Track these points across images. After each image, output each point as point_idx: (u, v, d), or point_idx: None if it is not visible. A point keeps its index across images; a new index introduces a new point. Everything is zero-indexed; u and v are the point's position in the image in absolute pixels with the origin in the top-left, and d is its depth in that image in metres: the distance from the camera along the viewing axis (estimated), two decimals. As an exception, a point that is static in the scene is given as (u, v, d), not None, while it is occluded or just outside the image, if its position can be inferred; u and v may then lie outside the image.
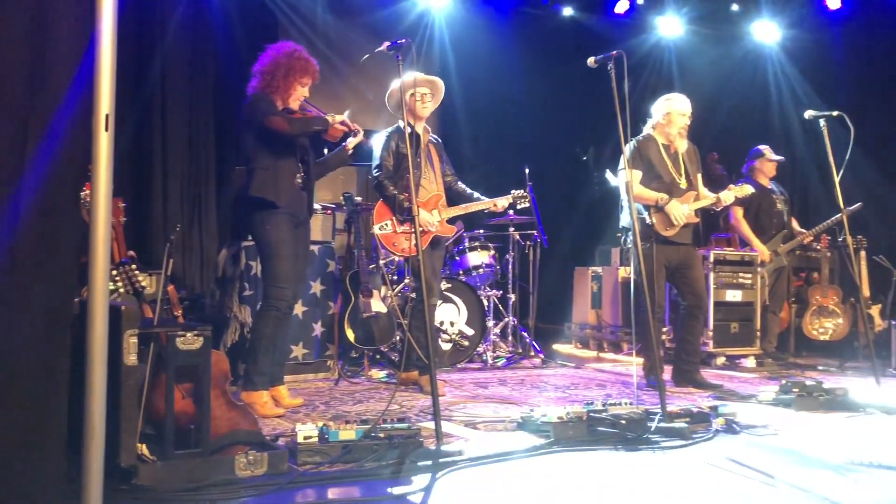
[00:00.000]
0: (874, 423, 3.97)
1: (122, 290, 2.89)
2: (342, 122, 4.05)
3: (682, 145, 5.13)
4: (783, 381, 4.50)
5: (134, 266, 2.93)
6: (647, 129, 5.18)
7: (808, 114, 4.88)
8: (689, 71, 9.43)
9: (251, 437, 2.86)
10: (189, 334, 2.72)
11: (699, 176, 5.23)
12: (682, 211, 4.94)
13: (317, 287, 5.25)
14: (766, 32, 9.37)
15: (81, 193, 2.42)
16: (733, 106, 9.28)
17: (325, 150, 5.08)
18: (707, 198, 5.11)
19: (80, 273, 2.22)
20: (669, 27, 9.33)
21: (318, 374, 5.24)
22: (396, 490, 2.59)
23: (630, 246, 5.03)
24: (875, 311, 7.00)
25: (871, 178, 7.84)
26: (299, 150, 4.10)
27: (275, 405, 4.00)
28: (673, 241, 4.96)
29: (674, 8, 9.17)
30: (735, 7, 9.24)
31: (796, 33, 9.24)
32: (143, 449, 2.61)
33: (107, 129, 2.06)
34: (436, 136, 4.92)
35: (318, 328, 5.24)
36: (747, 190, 5.30)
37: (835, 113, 4.80)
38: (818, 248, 7.12)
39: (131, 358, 2.58)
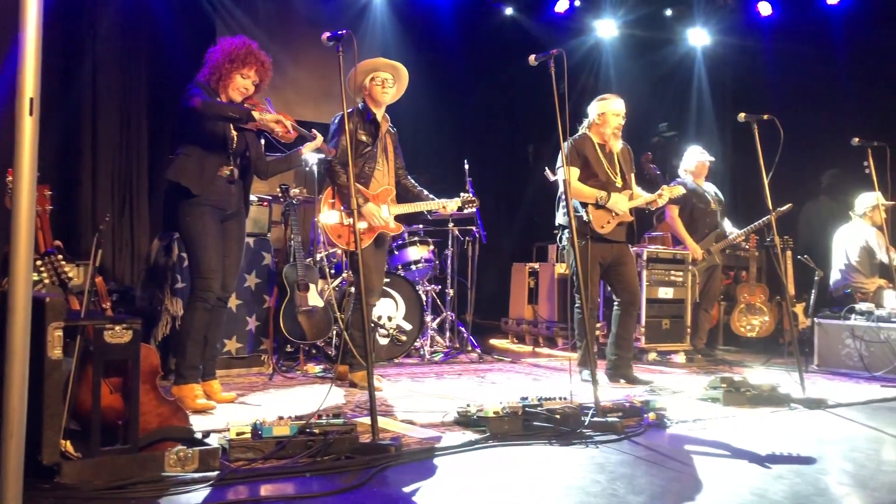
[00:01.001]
0: (798, 418, 4.11)
1: (47, 280, 2.79)
2: (278, 122, 3.93)
3: (617, 145, 5.22)
4: (712, 377, 4.62)
5: (60, 256, 2.83)
6: (582, 129, 5.26)
7: (741, 116, 5.01)
8: (625, 73, 9.60)
9: (182, 433, 2.80)
10: (118, 327, 2.64)
11: (633, 175, 5.33)
12: (624, 202, 5.03)
13: (252, 280, 5.16)
14: (699, 37, 9.60)
15: (6, 179, 2.32)
16: (668, 108, 9.50)
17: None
18: (641, 197, 5.21)
19: (3, 263, 2.13)
20: (606, 30, 9.48)
21: (251, 369, 5.16)
22: (331, 486, 2.56)
23: (566, 243, 5.09)
24: (799, 309, 7.26)
25: (798, 180, 8.11)
26: (232, 143, 4.00)
27: (206, 399, 3.92)
28: (608, 238, 5.04)
29: (610, 11, 9.32)
30: (669, 12, 9.44)
31: (729, 39, 9.50)
32: (68, 446, 2.52)
33: (31, 114, 1.98)
34: (394, 127, 4.84)
35: (252, 322, 5.15)
36: (679, 190, 5.44)
37: (765, 116, 4.93)
38: (747, 247, 7.34)
39: (56, 352, 2.49)
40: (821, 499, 2.70)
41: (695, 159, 6.71)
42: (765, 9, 8.95)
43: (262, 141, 4.46)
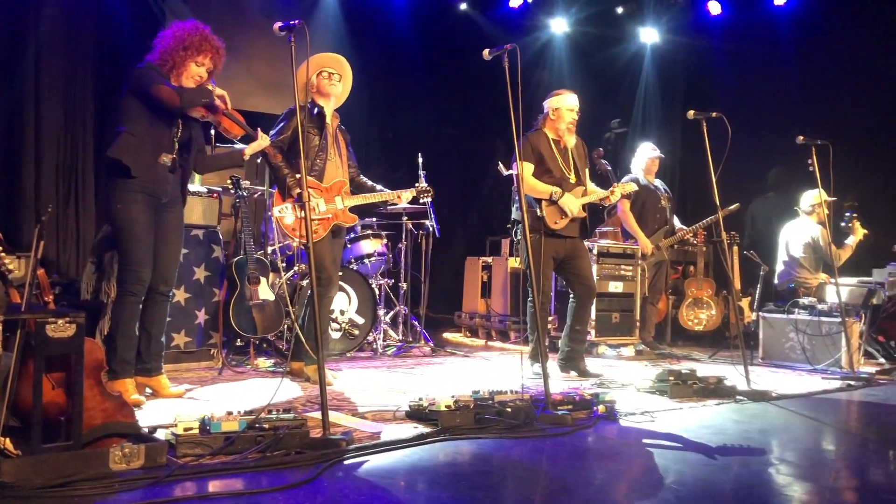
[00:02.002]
0: (743, 410, 4.20)
1: (-15, 273, 2.70)
2: (221, 97, 3.91)
3: (571, 140, 5.25)
4: (660, 370, 4.70)
5: (0, 248, 2.74)
6: (537, 124, 5.28)
7: (690, 114, 5.09)
8: (578, 69, 9.69)
9: (127, 428, 2.74)
10: (60, 321, 2.57)
11: (587, 171, 5.38)
12: (575, 204, 5.06)
13: (201, 273, 5.08)
14: (650, 35, 9.74)
15: None
16: (619, 105, 9.62)
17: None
18: (595, 193, 5.26)
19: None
20: (559, 26, 9.56)
21: (200, 363, 5.07)
22: (280, 482, 2.54)
23: (520, 238, 5.11)
24: (745, 303, 7.42)
25: (745, 177, 8.29)
26: (178, 131, 3.91)
27: (138, 393, 3.83)
28: (561, 234, 5.08)
29: (562, 8, 9.40)
30: (620, 10, 9.55)
31: (679, 37, 9.65)
32: (7, 443, 2.46)
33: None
34: (343, 126, 4.81)
35: (201, 316, 5.07)
36: (631, 187, 5.54)
37: (714, 114, 5.02)
38: (695, 243, 7.48)
39: (-6, 346, 2.42)
40: (764, 489, 2.77)
41: (645, 156, 6.80)
42: (714, 8, 9.12)
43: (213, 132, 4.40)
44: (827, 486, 2.86)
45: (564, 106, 5.19)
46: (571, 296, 5.27)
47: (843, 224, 6.85)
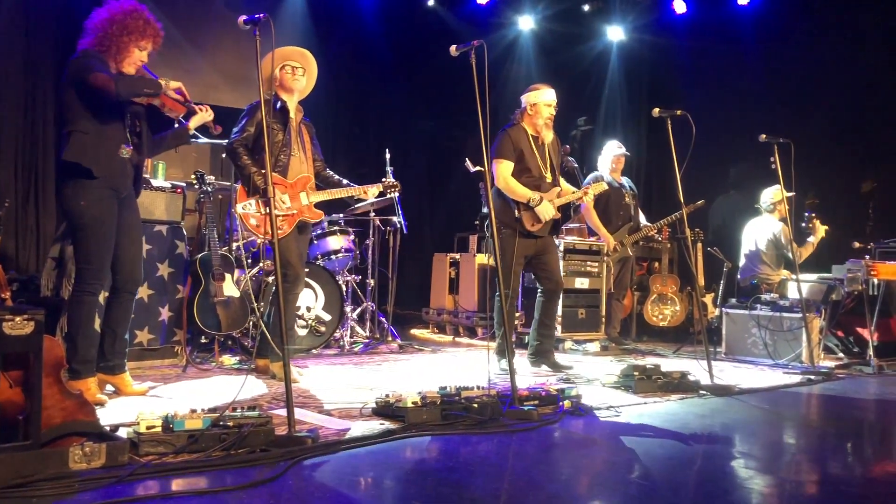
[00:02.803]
0: (706, 405, 4.25)
1: (-60, 270, 2.63)
2: (178, 90, 3.82)
3: (549, 136, 5.27)
4: (625, 365, 4.74)
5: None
6: (515, 120, 5.27)
7: (655, 112, 5.13)
8: (545, 67, 9.74)
9: (88, 427, 2.69)
10: (18, 318, 2.52)
11: (559, 168, 5.41)
12: (551, 211, 5.10)
13: (164, 270, 5.01)
14: (616, 33, 9.82)
15: None
16: (586, 102, 9.68)
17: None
18: (569, 195, 5.30)
19: None
20: (526, 24, 9.59)
21: (164, 361, 5.01)
22: (245, 480, 2.51)
23: (488, 230, 5.12)
24: (708, 299, 7.53)
25: (709, 174, 8.40)
26: (130, 119, 3.80)
27: (100, 392, 3.76)
28: (535, 234, 5.11)
29: (529, 5, 9.43)
30: (586, 7, 9.61)
31: (644, 35, 9.74)
32: (-37, 443, 2.40)
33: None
34: (308, 119, 4.77)
35: (164, 313, 5.00)
36: (603, 187, 5.64)
37: (678, 112, 5.07)
38: (660, 239, 7.56)
39: (-51, 344, 2.36)
40: (727, 482, 2.81)
41: (612, 153, 6.85)
42: (679, 7, 9.22)
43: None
44: (787, 478, 2.91)
45: (542, 101, 5.20)
46: (539, 291, 5.30)
47: (803, 224, 6.97)
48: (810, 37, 8.40)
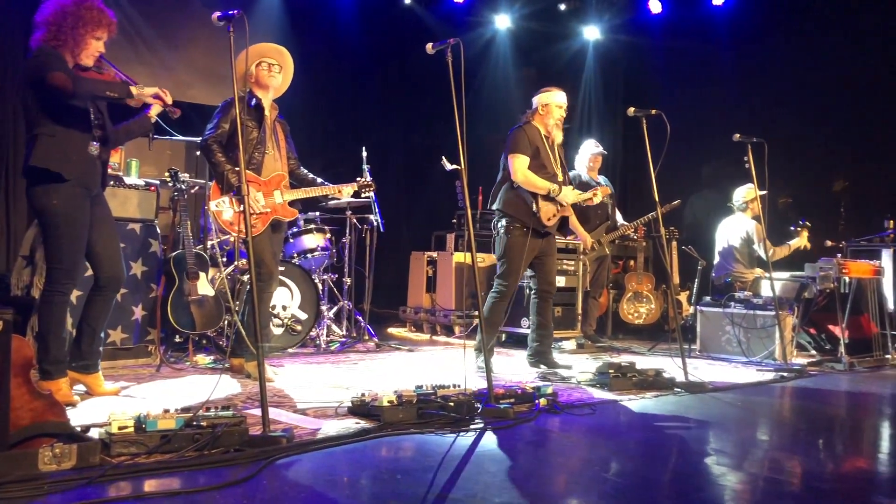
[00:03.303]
0: (680, 402, 4.29)
1: None
2: (155, 95, 3.74)
3: (559, 137, 5.32)
4: (600, 363, 4.77)
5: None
6: (526, 119, 5.28)
7: (630, 111, 5.17)
8: (522, 66, 9.77)
9: (57, 428, 2.65)
10: (-14, 318, 2.48)
11: None
12: (572, 196, 5.14)
13: (138, 268, 4.96)
14: (592, 33, 9.86)
15: None
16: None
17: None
18: (581, 194, 5.34)
19: None
20: (503, 22, 9.61)
21: (138, 360, 4.96)
22: (219, 480, 2.49)
23: (501, 231, 5.13)
24: (683, 297, 7.59)
25: (684, 173, 8.47)
26: (95, 115, 3.74)
27: (71, 392, 3.71)
28: (546, 232, 5.14)
29: (506, 4, 9.45)
30: (563, 7, 9.65)
31: (620, 35, 9.79)
32: (-71, 445, 2.36)
33: None
34: (283, 117, 4.74)
35: (138, 312, 4.95)
36: (608, 190, 5.73)
37: (653, 111, 5.11)
38: (636, 238, 7.61)
39: (-85, 344, 2.31)
40: (701, 478, 2.83)
41: (588, 152, 6.88)
42: (655, 7, 9.28)
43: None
44: (760, 474, 2.94)
45: (554, 102, 5.24)
46: (533, 292, 5.29)
47: (792, 228, 7.05)
48: (783, 37, 8.50)
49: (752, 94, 8.59)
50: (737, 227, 6.97)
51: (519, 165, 5.06)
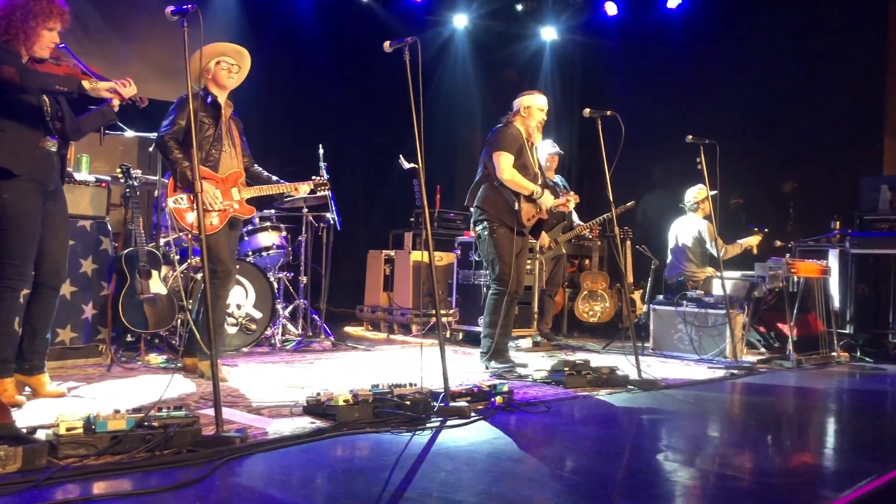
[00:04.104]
0: (633, 399, 4.35)
1: None
2: (111, 90, 3.66)
3: (539, 139, 5.38)
4: (556, 361, 4.81)
5: None
6: (507, 120, 5.30)
7: (586, 112, 5.22)
8: (480, 65, 9.80)
9: (2, 430, 2.58)
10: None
11: None
12: (550, 201, 5.19)
13: (88, 266, 4.86)
14: (549, 33, 9.94)
15: None
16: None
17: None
18: (555, 199, 5.37)
19: None
20: (461, 22, 9.63)
21: (88, 360, 4.85)
22: (171, 481, 2.46)
23: (482, 231, 5.14)
24: (637, 295, 7.70)
25: (638, 174, 8.59)
26: (51, 107, 3.65)
27: (17, 393, 3.62)
28: (523, 231, 5.17)
29: (464, 3, 9.47)
30: (520, 7, 9.70)
31: (577, 36, 9.89)
32: None
33: None
34: (237, 114, 4.69)
35: (88, 310, 4.85)
36: (577, 198, 5.78)
37: (608, 112, 5.17)
38: (591, 237, 7.70)
39: None
40: (652, 475, 2.88)
41: (545, 152, 6.93)
42: (611, 9, 9.39)
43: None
44: (711, 470, 2.99)
45: (536, 105, 5.27)
46: (491, 291, 5.29)
47: (752, 227, 7.20)
48: (734, 41, 8.67)
49: (705, 96, 8.75)
50: (689, 227, 7.08)
51: (505, 164, 5.08)
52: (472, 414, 3.56)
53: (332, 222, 6.45)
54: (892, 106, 8.07)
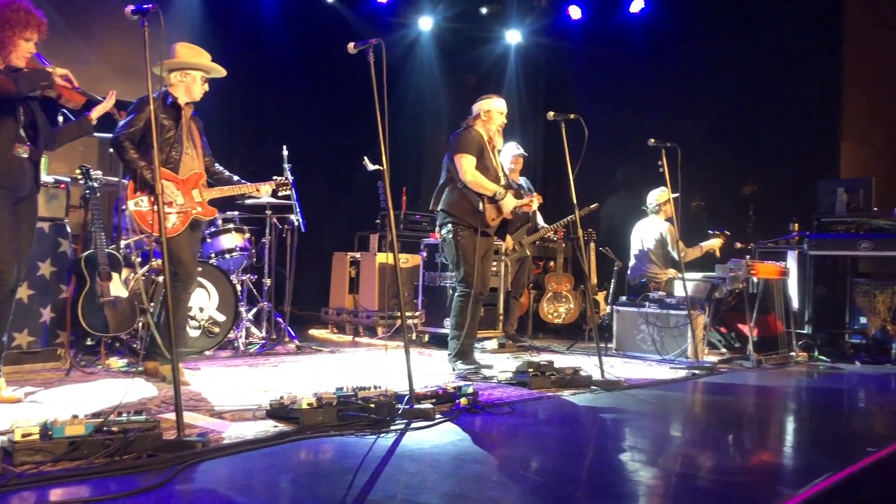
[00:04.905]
0: (597, 399, 4.39)
1: None
2: (65, 77, 3.68)
3: (500, 143, 5.39)
4: (520, 362, 4.84)
5: None
6: (468, 124, 5.29)
7: (550, 115, 5.26)
8: (446, 68, 9.82)
9: (-44, 437, 2.53)
10: None
11: None
12: (512, 205, 5.20)
13: (46, 269, 4.76)
14: (514, 37, 9.99)
15: None
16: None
17: (61, 119, 4.62)
18: (521, 200, 5.39)
19: None
20: (426, 24, 9.63)
21: (46, 364, 4.75)
22: (130, 487, 2.42)
23: (447, 234, 5.13)
24: (601, 297, 7.77)
25: (602, 177, 8.67)
26: (24, 115, 3.63)
27: None
28: (488, 233, 5.17)
29: (429, 6, 9.48)
30: (484, 10, 9.74)
31: (541, 39, 9.95)
32: None
33: None
34: (196, 114, 4.64)
35: (46, 314, 4.75)
36: (539, 199, 5.82)
37: (572, 116, 5.21)
38: (555, 239, 7.75)
39: None
40: (615, 475, 2.91)
41: (510, 154, 6.97)
42: (575, 12, 9.46)
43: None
44: (673, 469, 3.03)
45: (495, 109, 5.29)
46: (457, 293, 5.28)
47: (711, 231, 7.29)
48: (694, 45, 8.79)
49: (667, 100, 8.86)
50: (651, 229, 7.17)
51: (467, 165, 5.09)
52: (437, 416, 3.56)
53: (296, 224, 6.40)
54: (848, 111, 8.26)
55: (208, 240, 5.95)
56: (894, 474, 3.22)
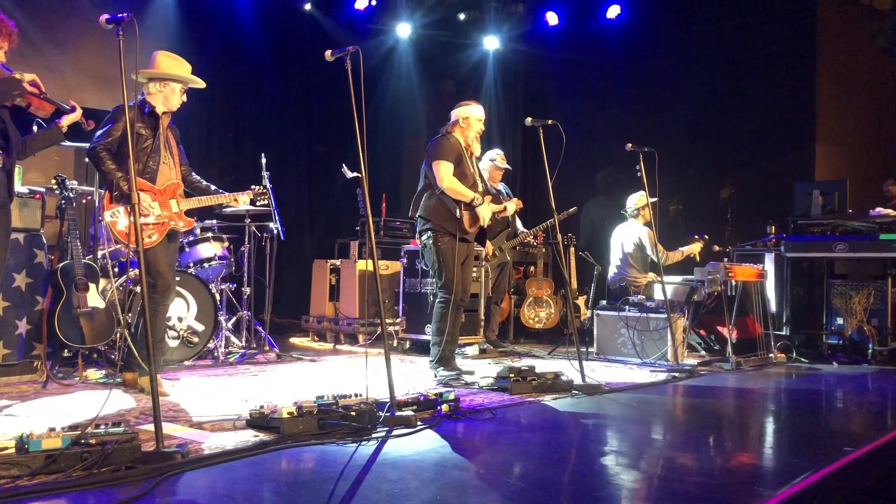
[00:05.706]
0: (577, 404, 4.40)
1: None
2: (32, 83, 3.64)
3: (478, 149, 5.38)
4: (502, 367, 4.84)
5: None
6: (446, 131, 5.29)
7: (528, 121, 5.29)
8: (424, 74, 9.83)
9: (-70, 452, 2.49)
10: None
11: None
12: (489, 213, 5.19)
13: (21, 280, 4.71)
14: (492, 43, 10.03)
15: None
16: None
17: (35, 127, 4.57)
18: (497, 205, 5.41)
19: None
20: (404, 31, 9.65)
21: (22, 377, 4.70)
22: (109, 500, 2.39)
23: (428, 240, 5.12)
24: (581, 301, 7.80)
25: (580, 181, 8.72)
26: None
27: None
28: (467, 238, 5.16)
29: (407, 12, 9.49)
30: (462, 16, 9.77)
31: (519, 45, 10.00)
32: None
33: None
34: (173, 122, 4.61)
35: (22, 326, 4.70)
36: (520, 203, 5.86)
37: (549, 121, 5.24)
38: (535, 244, 7.78)
39: None
40: (596, 479, 2.92)
41: (489, 160, 6.98)
42: (552, 19, 9.52)
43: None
44: (655, 472, 3.05)
45: (473, 116, 5.28)
46: (437, 299, 5.27)
47: (692, 235, 7.35)
48: (670, 50, 8.88)
49: (644, 105, 8.94)
50: (630, 234, 7.21)
51: (444, 172, 5.09)
52: (419, 423, 3.56)
53: (275, 232, 6.36)
54: (823, 114, 8.37)
55: (187, 249, 5.91)
56: (871, 474, 3.26)
